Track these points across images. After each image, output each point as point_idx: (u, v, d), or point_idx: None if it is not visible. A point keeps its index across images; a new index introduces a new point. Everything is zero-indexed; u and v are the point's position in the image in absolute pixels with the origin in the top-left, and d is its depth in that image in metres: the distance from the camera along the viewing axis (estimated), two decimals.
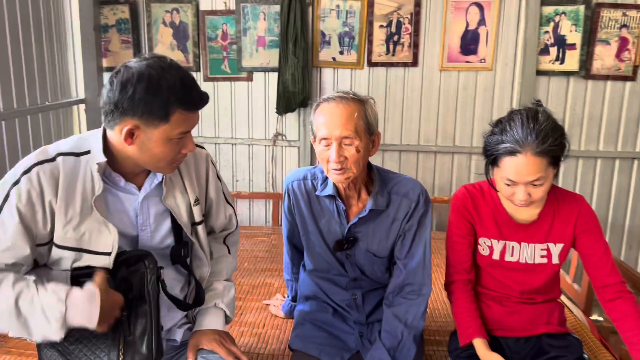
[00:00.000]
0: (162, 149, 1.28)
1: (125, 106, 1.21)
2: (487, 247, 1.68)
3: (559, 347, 1.64)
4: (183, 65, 3.39)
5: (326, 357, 1.61)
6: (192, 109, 1.27)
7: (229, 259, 1.66)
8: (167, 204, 1.40)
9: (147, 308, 1.33)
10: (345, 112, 1.50)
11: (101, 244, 1.30)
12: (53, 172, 1.24)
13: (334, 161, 1.49)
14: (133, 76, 1.20)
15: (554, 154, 1.47)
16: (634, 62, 3.22)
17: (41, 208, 1.24)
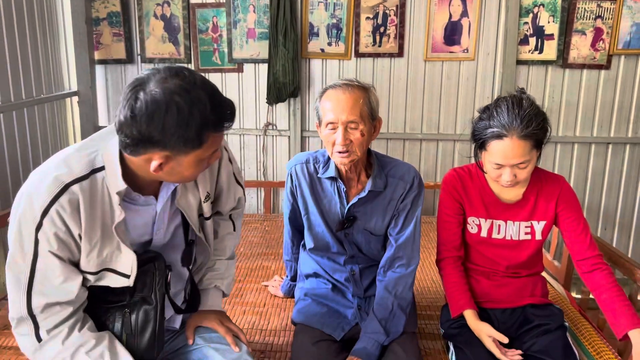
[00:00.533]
0: (193, 170, 1.23)
1: (156, 139, 1.11)
2: (475, 226, 1.81)
3: (542, 316, 1.78)
4: (174, 57, 3.48)
5: (327, 330, 1.73)
6: (224, 128, 1.19)
7: (234, 235, 1.70)
8: (180, 205, 1.39)
9: (151, 310, 1.35)
10: (351, 98, 1.60)
11: (122, 265, 1.29)
12: (73, 204, 1.17)
13: (340, 144, 1.59)
14: (159, 107, 1.08)
15: (537, 137, 1.60)
16: (608, 52, 3.37)
17: (72, 241, 1.21)
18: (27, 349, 1.26)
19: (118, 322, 1.35)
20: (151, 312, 1.36)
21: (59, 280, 1.22)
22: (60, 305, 1.24)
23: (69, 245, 1.21)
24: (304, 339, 1.70)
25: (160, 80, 1.11)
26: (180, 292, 1.58)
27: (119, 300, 1.35)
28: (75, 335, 1.26)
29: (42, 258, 1.19)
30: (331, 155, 1.67)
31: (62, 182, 1.17)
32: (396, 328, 1.70)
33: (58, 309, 1.24)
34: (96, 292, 1.32)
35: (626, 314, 1.62)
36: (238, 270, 2.57)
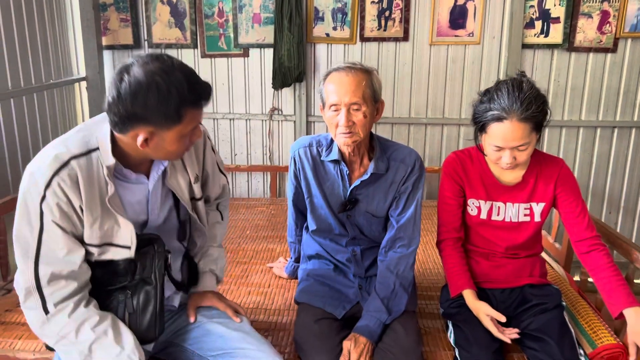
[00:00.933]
0: (177, 146, 1.33)
1: (140, 116, 1.23)
2: (475, 208, 1.84)
3: (540, 295, 1.81)
4: (180, 42, 3.51)
5: (329, 308, 1.77)
6: (201, 105, 1.32)
7: (222, 224, 1.80)
8: (170, 184, 1.48)
9: (152, 290, 1.43)
10: (354, 80, 1.64)
11: (122, 238, 1.37)
12: (72, 177, 1.27)
13: (343, 125, 1.63)
14: (142, 86, 1.21)
15: (536, 120, 1.62)
16: (615, 35, 3.36)
17: (74, 214, 1.30)
18: (34, 322, 1.33)
19: (121, 304, 1.42)
20: (152, 291, 1.43)
21: (62, 252, 1.30)
22: (66, 279, 1.31)
23: (71, 217, 1.30)
24: (306, 318, 1.75)
25: (143, 64, 1.24)
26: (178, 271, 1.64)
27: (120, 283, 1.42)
28: (81, 311, 1.33)
29: (47, 230, 1.28)
30: (334, 136, 1.71)
31: (61, 159, 1.28)
32: (398, 307, 1.75)
33: (63, 283, 1.31)
34: (98, 276, 1.39)
35: (622, 293, 1.65)
36: (244, 252, 2.62)
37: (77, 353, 1.32)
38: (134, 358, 1.34)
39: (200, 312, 1.60)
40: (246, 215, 3.23)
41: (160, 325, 1.45)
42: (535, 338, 1.69)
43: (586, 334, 1.77)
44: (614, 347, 1.68)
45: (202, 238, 1.67)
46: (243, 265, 2.47)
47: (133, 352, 1.34)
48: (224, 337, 1.52)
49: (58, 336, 1.32)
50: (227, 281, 2.29)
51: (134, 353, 1.34)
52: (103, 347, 1.33)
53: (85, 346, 1.32)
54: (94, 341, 1.32)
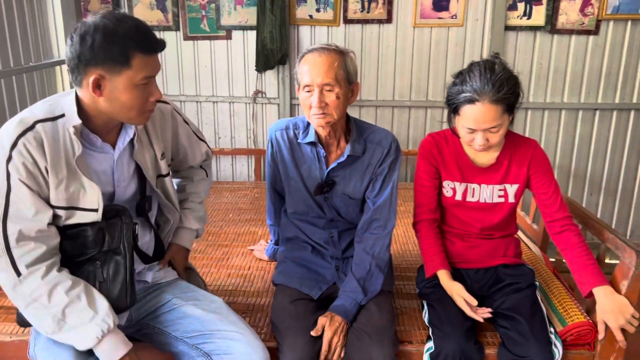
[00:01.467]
0: (130, 96, 1.34)
1: (87, 57, 1.27)
2: (450, 189, 1.86)
3: (514, 275, 1.85)
4: (162, 24, 3.47)
5: (305, 289, 1.79)
6: (150, 52, 1.33)
7: (207, 180, 1.89)
8: (137, 159, 1.50)
9: (121, 259, 1.45)
10: (326, 61, 1.64)
11: (88, 201, 1.39)
12: (37, 139, 1.31)
13: (315, 106, 1.64)
14: (90, 28, 1.26)
15: (508, 101, 1.63)
16: (597, 17, 3.36)
17: (40, 174, 1.32)
18: (6, 284, 1.34)
19: (90, 274, 1.44)
20: (121, 261, 1.46)
21: (31, 212, 1.32)
22: (34, 241, 1.33)
23: (37, 177, 1.33)
24: (283, 298, 1.77)
25: (97, 14, 1.31)
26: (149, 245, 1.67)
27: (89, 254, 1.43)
28: (54, 274, 1.35)
29: (14, 189, 1.31)
30: (308, 118, 1.71)
31: (26, 122, 1.32)
32: (374, 287, 1.77)
33: (32, 245, 1.33)
34: (68, 248, 1.41)
35: (592, 272, 1.68)
36: (225, 235, 2.64)
37: (49, 317, 1.34)
38: (108, 321, 1.36)
39: (176, 295, 1.62)
40: (229, 198, 3.23)
41: (131, 295, 1.47)
42: (507, 317, 1.72)
43: (557, 313, 1.81)
44: (583, 325, 1.72)
45: (174, 215, 1.69)
46: (224, 248, 2.48)
47: (107, 316, 1.36)
48: (200, 319, 1.54)
49: (30, 298, 1.33)
50: (208, 264, 2.31)
51: (109, 316, 1.36)
52: (76, 312, 1.35)
53: (58, 310, 1.33)
54: (66, 305, 1.34)
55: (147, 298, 1.64)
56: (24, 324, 1.46)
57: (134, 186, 1.55)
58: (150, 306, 1.62)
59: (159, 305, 1.61)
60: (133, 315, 1.60)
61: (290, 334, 1.63)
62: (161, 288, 1.66)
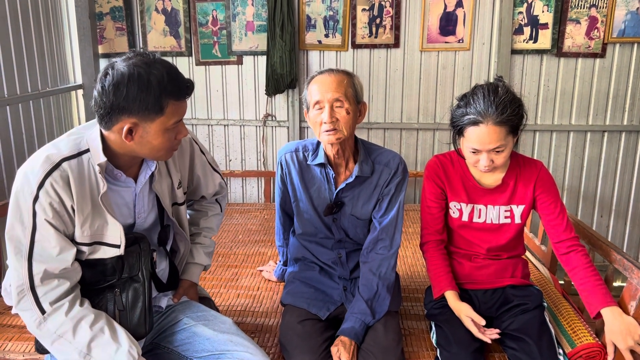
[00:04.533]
0: (161, 140, 1.37)
1: (122, 106, 1.29)
2: (457, 210, 1.88)
3: (522, 296, 1.85)
4: (175, 50, 3.56)
5: (314, 309, 1.81)
6: (182, 98, 1.37)
7: (220, 215, 1.92)
8: (156, 189, 1.53)
9: (140, 287, 1.48)
10: (335, 79, 1.71)
11: (111, 237, 1.42)
12: (64, 178, 1.32)
13: (327, 122, 1.68)
14: (124, 77, 1.28)
15: (512, 123, 1.66)
16: (603, 40, 3.39)
17: (66, 213, 1.34)
18: (31, 323, 1.36)
19: (110, 302, 1.46)
20: (140, 288, 1.48)
21: (55, 251, 1.33)
22: (58, 279, 1.35)
23: (63, 216, 1.34)
24: (291, 318, 1.78)
25: (125, 59, 1.33)
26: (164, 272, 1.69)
27: (109, 281, 1.46)
28: (77, 309, 1.37)
29: (40, 229, 1.32)
30: (319, 136, 1.74)
31: (53, 160, 1.33)
32: (381, 308, 1.78)
33: (56, 282, 1.35)
34: (87, 276, 1.43)
35: (599, 293, 1.68)
36: (235, 256, 2.66)
37: (75, 353, 1.35)
38: (133, 353, 1.38)
39: (187, 314, 1.64)
40: (239, 220, 3.27)
41: (149, 321, 1.50)
42: (515, 338, 1.72)
43: (566, 334, 1.80)
44: (592, 347, 1.71)
45: (184, 244, 1.72)
46: (234, 269, 2.51)
47: (131, 347, 1.38)
48: (210, 339, 1.56)
49: (55, 335, 1.35)
50: (217, 284, 2.33)
51: (132, 348, 1.38)
52: (101, 345, 1.36)
53: (84, 345, 1.35)
54: (91, 339, 1.36)
55: (160, 320, 1.66)
56: (43, 352, 1.47)
57: (154, 216, 1.59)
58: (162, 326, 1.64)
59: (170, 324, 1.63)
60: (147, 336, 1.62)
61: (298, 354, 1.64)
62: (172, 307, 1.69)
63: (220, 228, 3.08)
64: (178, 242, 1.71)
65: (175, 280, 1.71)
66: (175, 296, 1.71)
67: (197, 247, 1.80)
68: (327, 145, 1.78)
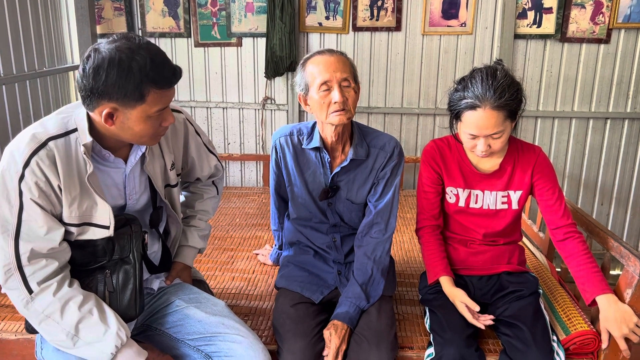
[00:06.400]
0: (143, 127, 1.33)
1: (101, 91, 1.25)
2: (453, 196, 1.85)
3: (517, 282, 1.83)
4: (174, 31, 3.52)
5: (307, 293, 1.80)
6: (165, 87, 1.31)
7: (217, 198, 1.89)
8: (147, 170, 1.51)
9: (130, 269, 1.46)
10: (340, 59, 1.69)
11: (100, 217, 1.39)
12: (50, 157, 1.30)
13: (338, 102, 1.64)
14: (104, 61, 1.23)
15: (510, 108, 1.62)
16: (608, 26, 3.34)
17: (53, 193, 1.32)
18: (18, 302, 1.35)
19: (100, 283, 1.45)
20: (130, 270, 1.47)
21: (42, 231, 1.32)
22: (46, 258, 1.34)
23: (49, 196, 1.32)
24: (284, 302, 1.77)
25: (110, 42, 1.27)
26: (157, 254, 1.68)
27: (99, 262, 1.44)
28: (65, 290, 1.35)
29: (27, 209, 1.30)
30: (326, 118, 1.69)
31: (39, 139, 1.31)
32: (375, 292, 1.77)
33: (44, 262, 1.33)
34: (77, 257, 1.42)
35: (595, 280, 1.66)
36: (231, 239, 2.65)
37: (63, 333, 1.35)
38: (121, 335, 1.37)
39: (179, 297, 1.63)
40: (237, 203, 3.25)
41: (140, 304, 1.49)
42: (509, 324, 1.71)
43: (561, 321, 1.79)
44: (587, 334, 1.70)
45: (176, 226, 1.70)
46: (230, 252, 2.50)
47: (120, 330, 1.37)
48: (202, 321, 1.55)
49: (43, 315, 1.34)
50: (212, 267, 2.32)
51: (121, 330, 1.38)
52: (89, 326, 1.36)
53: (71, 326, 1.34)
54: (79, 320, 1.35)
55: (152, 301, 1.65)
56: (33, 331, 1.46)
57: (146, 197, 1.56)
58: (154, 308, 1.63)
59: (162, 306, 1.62)
60: (138, 318, 1.61)
61: (290, 337, 1.63)
62: (164, 290, 1.68)
63: (218, 211, 3.07)
64: (170, 225, 1.69)
65: (168, 262, 1.70)
66: (168, 278, 1.70)
67: (192, 230, 1.79)
68: (330, 127, 1.74)
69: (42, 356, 1.48)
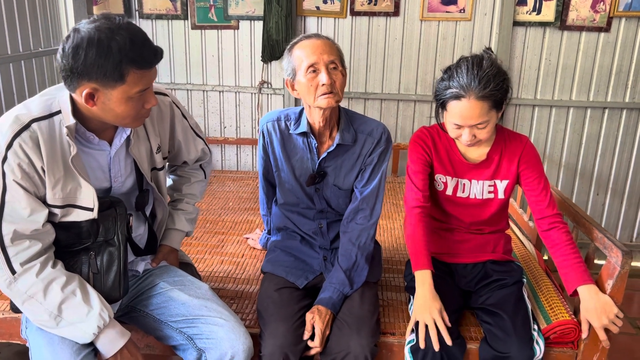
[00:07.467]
0: (124, 108, 1.33)
1: (80, 71, 1.25)
2: (441, 183, 1.85)
3: (501, 271, 1.84)
4: (171, 13, 3.50)
5: (292, 278, 1.81)
6: (146, 67, 1.30)
7: (204, 182, 1.90)
8: (133, 153, 1.51)
9: (115, 251, 1.48)
10: (327, 42, 1.69)
11: (84, 199, 1.40)
12: (33, 139, 1.30)
13: (326, 84, 1.64)
14: (83, 41, 1.23)
15: (495, 98, 1.61)
16: (609, 14, 3.30)
17: (36, 174, 1.32)
18: (1, 283, 1.37)
19: (85, 265, 1.46)
20: (115, 252, 1.48)
21: (26, 212, 1.33)
22: (29, 239, 1.35)
23: (32, 178, 1.33)
24: (269, 286, 1.79)
25: (91, 22, 1.27)
26: (143, 237, 1.69)
27: (84, 244, 1.46)
28: (49, 271, 1.37)
29: (10, 190, 1.31)
30: (314, 101, 1.69)
31: (22, 121, 1.31)
32: (359, 278, 1.78)
33: (27, 243, 1.35)
34: (62, 238, 1.43)
35: (577, 270, 1.67)
36: (223, 223, 2.67)
37: (46, 314, 1.36)
38: (104, 316, 1.39)
39: (163, 279, 1.65)
40: (232, 187, 3.27)
41: (124, 286, 1.50)
42: (491, 313, 1.72)
43: (544, 310, 1.80)
44: (567, 323, 1.71)
45: (162, 209, 1.71)
46: (220, 235, 2.51)
47: (102, 310, 1.39)
48: (185, 304, 1.57)
49: (26, 295, 1.36)
50: (202, 250, 2.34)
51: (104, 310, 1.39)
52: (72, 307, 1.37)
53: (54, 306, 1.36)
54: (62, 301, 1.36)
55: (137, 283, 1.67)
56: (18, 311, 1.49)
57: (131, 180, 1.57)
58: (138, 290, 1.65)
59: (146, 288, 1.64)
60: (123, 299, 1.63)
61: (272, 321, 1.65)
62: (150, 272, 1.70)
63: (212, 195, 3.08)
64: (156, 208, 1.70)
65: (154, 245, 1.71)
66: (154, 261, 1.71)
67: (179, 214, 1.80)
68: (318, 112, 1.73)
69: (27, 335, 1.51)
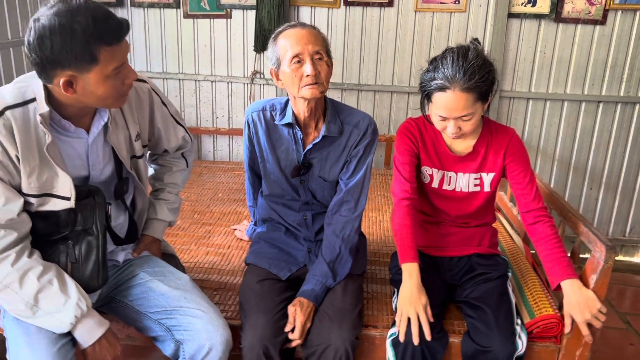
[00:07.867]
0: (105, 88, 1.31)
1: (50, 60, 1.22)
2: (428, 176, 1.83)
3: (486, 265, 1.83)
4: (163, 2, 3.46)
5: (275, 269, 1.80)
6: (115, 42, 1.27)
7: (186, 170, 1.88)
8: (111, 140, 1.48)
9: (94, 240, 1.46)
10: (312, 32, 1.66)
11: (61, 189, 1.38)
12: (7, 127, 1.28)
13: (310, 75, 1.62)
14: (45, 30, 1.20)
15: (480, 90, 1.59)
16: (604, 6, 3.27)
17: (10, 163, 1.31)
18: None
19: (63, 254, 1.44)
20: (93, 241, 1.46)
21: (0, 202, 1.31)
22: (5, 229, 1.33)
23: (7, 166, 1.31)
24: (251, 278, 1.78)
25: (49, 8, 1.23)
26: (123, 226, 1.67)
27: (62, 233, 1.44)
28: (24, 261, 1.35)
29: None
30: (298, 92, 1.66)
31: None
32: (342, 270, 1.77)
33: (2, 232, 1.33)
34: (40, 227, 1.41)
35: (561, 264, 1.66)
36: (211, 214, 2.65)
37: (22, 303, 1.35)
38: (82, 305, 1.38)
39: (144, 269, 1.63)
40: (223, 178, 3.25)
41: (103, 275, 1.49)
42: (474, 306, 1.71)
43: (528, 305, 1.79)
44: (551, 318, 1.70)
45: (142, 198, 1.69)
46: (208, 226, 2.50)
47: (80, 300, 1.38)
48: (165, 295, 1.56)
49: (1, 285, 1.34)
50: (188, 241, 2.33)
51: (81, 300, 1.38)
52: (49, 297, 1.36)
53: (30, 296, 1.34)
54: (38, 291, 1.35)
55: (116, 273, 1.66)
56: None
57: (110, 169, 1.55)
58: (118, 280, 1.64)
59: (126, 279, 1.63)
60: (102, 289, 1.62)
61: (253, 313, 1.64)
62: (130, 262, 1.68)
63: (202, 186, 3.07)
64: (137, 197, 1.69)
65: (134, 235, 1.70)
66: (135, 251, 1.70)
67: (161, 203, 1.78)
68: (303, 103, 1.71)
69: (3, 325, 1.50)
